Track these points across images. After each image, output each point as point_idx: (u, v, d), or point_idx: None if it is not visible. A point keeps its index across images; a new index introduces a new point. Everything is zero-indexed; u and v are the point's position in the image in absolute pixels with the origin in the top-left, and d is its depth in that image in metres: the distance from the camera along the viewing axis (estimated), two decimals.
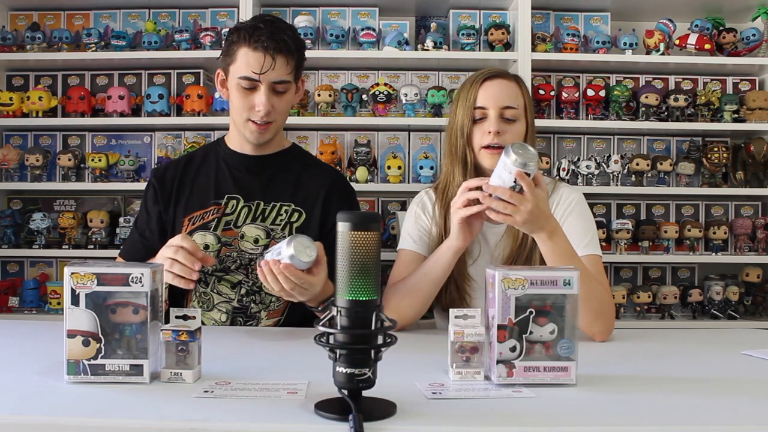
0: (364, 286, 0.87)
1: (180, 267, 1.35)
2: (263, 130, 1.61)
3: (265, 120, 1.59)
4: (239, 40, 1.55)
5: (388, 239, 2.56)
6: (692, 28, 2.66)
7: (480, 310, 1.09)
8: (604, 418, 0.91)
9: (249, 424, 0.86)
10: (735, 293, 2.62)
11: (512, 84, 1.61)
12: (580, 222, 1.57)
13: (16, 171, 2.65)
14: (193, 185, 1.69)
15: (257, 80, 1.55)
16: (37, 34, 2.63)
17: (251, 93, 1.57)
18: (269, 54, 1.53)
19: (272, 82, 1.56)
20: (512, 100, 1.58)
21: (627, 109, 2.68)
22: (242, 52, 1.55)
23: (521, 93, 1.61)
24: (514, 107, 1.58)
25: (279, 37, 1.54)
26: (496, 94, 1.58)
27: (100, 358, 1.00)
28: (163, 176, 1.71)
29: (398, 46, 2.59)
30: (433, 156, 2.66)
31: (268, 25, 1.55)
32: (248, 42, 1.54)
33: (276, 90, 1.58)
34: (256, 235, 1.62)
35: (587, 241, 1.53)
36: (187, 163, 1.74)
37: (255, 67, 1.53)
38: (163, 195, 1.69)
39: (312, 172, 1.73)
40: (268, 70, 1.53)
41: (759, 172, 2.70)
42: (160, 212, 1.69)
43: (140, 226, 1.72)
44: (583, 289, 1.40)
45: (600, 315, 1.41)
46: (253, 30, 1.54)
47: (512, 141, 1.53)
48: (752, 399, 1.01)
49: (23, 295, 2.60)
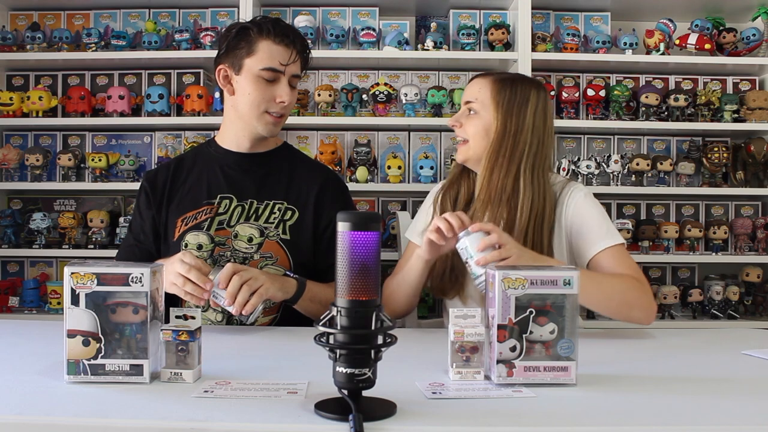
0: (364, 286, 0.88)
1: (192, 287, 1.39)
2: (278, 122, 1.65)
3: (282, 112, 1.64)
4: (259, 34, 1.59)
5: (388, 239, 2.56)
6: (692, 28, 2.66)
7: (480, 310, 1.09)
8: (604, 418, 0.91)
9: (249, 424, 0.86)
10: (735, 293, 2.62)
11: (483, 80, 1.64)
12: (596, 216, 1.59)
13: (16, 171, 2.65)
14: (185, 186, 1.70)
15: (282, 72, 1.60)
16: (37, 34, 2.63)
17: (272, 85, 1.61)
18: (295, 48, 1.60)
19: (292, 75, 1.62)
20: (471, 94, 1.63)
21: (627, 109, 2.68)
22: (264, 44, 1.59)
23: (491, 90, 1.61)
24: (471, 100, 1.63)
25: (295, 32, 1.64)
26: (467, 90, 1.66)
27: (100, 358, 1.00)
28: (155, 179, 1.72)
29: (398, 46, 2.59)
30: (433, 156, 2.66)
31: (281, 22, 1.63)
32: (271, 35, 1.59)
33: (291, 84, 1.63)
34: (249, 234, 1.63)
35: (606, 232, 1.56)
36: (177, 165, 1.75)
37: (282, 59, 1.59)
38: (155, 198, 1.70)
39: (304, 170, 1.75)
40: (292, 62, 1.60)
41: (759, 172, 2.70)
42: (153, 216, 1.70)
43: (135, 230, 1.73)
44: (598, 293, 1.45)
45: (632, 303, 1.47)
46: (274, 24, 1.60)
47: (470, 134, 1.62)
48: (752, 399, 1.01)
49: (23, 295, 2.60)
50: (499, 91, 1.60)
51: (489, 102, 1.60)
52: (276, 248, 1.63)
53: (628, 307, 1.47)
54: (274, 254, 1.62)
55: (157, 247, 1.70)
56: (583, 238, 1.57)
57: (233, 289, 1.38)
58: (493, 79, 1.63)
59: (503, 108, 1.59)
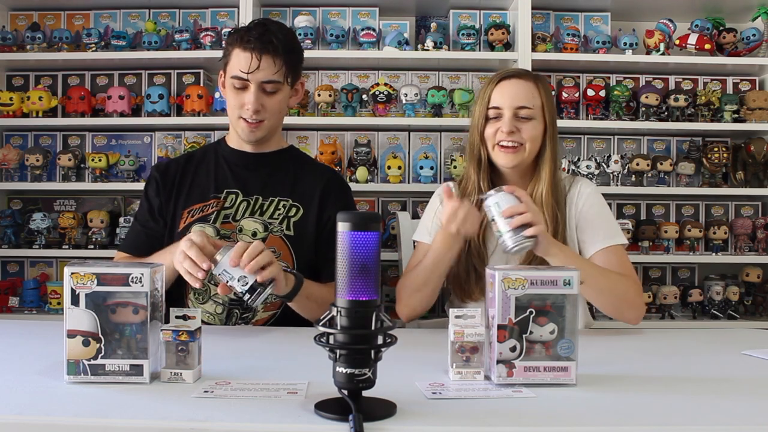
0: (364, 286, 0.88)
1: (190, 263, 1.34)
2: (254, 128, 1.66)
3: (255, 118, 1.64)
4: (233, 42, 1.64)
5: (388, 239, 2.56)
6: (692, 28, 2.66)
7: (480, 310, 1.09)
8: (604, 418, 0.91)
9: (249, 424, 0.86)
10: (735, 293, 2.62)
11: (529, 83, 1.62)
12: (603, 214, 1.63)
13: (16, 171, 2.65)
14: (194, 180, 1.74)
15: (246, 79, 1.61)
16: (37, 34, 2.63)
17: (242, 92, 1.63)
18: (255, 54, 1.59)
19: (261, 81, 1.61)
20: (527, 99, 1.60)
21: (627, 109, 2.67)
22: (234, 52, 1.62)
23: (538, 93, 1.62)
24: (529, 107, 1.60)
25: (267, 38, 1.60)
26: (511, 94, 1.61)
27: (100, 358, 1.00)
28: (166, 170, 1.76)
29: (398, 46, 2.59)
30: (433, 156, 2.66)
31: (260, 28, 1.62)
32: (239, 43, 1.61)
33: (265, 90, 1.63)
34: (254, 229, 1.65)
35: (612, 231, 1.60)
36: (187, 159, 1.80)
37: (243, 67, 1.60)
38: (165, 188, 1.73)
39: (309, 169, 1.78)
40: (255, 70, 1.59)
41: (759, 172, 2.69)
42: (161, 203, 1.72)
43: (141, 218, 1.75)
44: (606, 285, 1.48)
45: (629, 302, 1.52)
46: (245, 32, 1.62)
47: (528, 139, 1.60)
48: (752, 399, 1.01)
49: (23, 295, 2.60)
50: (546, 95, 1.63)
51: (540, 105, 1.62)
52: (279, 244, 1.65)
53: (626, 305, 1.53)
54: (277, 249, 1.64)
55: (165, 232, 1.71)
56: (587, 233, 1.62)
57: (253, 251, 1.31)
58: (537, 82, 1.64)
59: (550, 109, 1.63)
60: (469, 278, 1.62)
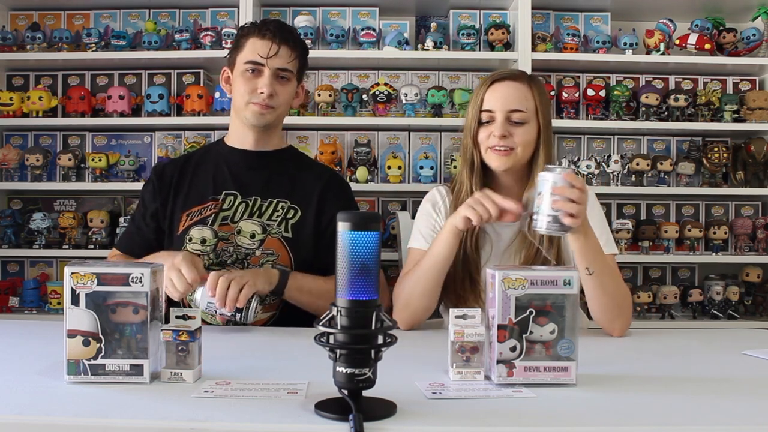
0: (364, 286, 0.88)
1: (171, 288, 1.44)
2: (264, 111, 1.68)
3: (267, 103, 1.66)
4: (248, 33, 1.69)
5: (388, 239, 2.56)
6: (692, 28, 2.66)
7: (480, 310, 1.09)
8: (604, 418, 0.91)
9: (249, 424, 0.86)
10: (735, 293, 2.62)
11: (522, 86, 1.58)
12: (598, 221, 1.58)
13: (16, 171, 2.65)
14: (192, 182, 1.74)
15: (262, 64, 1.65)
16: (37, 34, 2.63)
17: (256, 78, 1.67)
18: (275, 41, 1.65)
19: (276, 68, 1.66)
20: (520, 102, 1.56)
21: (627, 109, 2.67)
22: (251, 41, 1.67)
23: (531, 95, 1.58)
24: (522, 110, 1.56)
25: (286, 29, 1.70)
26: (504, 97, 1.57)
27: (101, 358, 1.00)
28: (162, 173, 1.77)
29: (398, 46, 2.59)
30: (433, 156, 2.66)
31: (276, 22, 1.72)
32: (257, 32, 1.67)
33: (279, 76, 1.67)
34: (252, 231, 1.66)
35: (605, 239, 1.54)
36: (186, 161, 1.80)
37: (262, 52, 1.65)
38: (162, 191, 1.73)
39: (308, 170, 1.78)
40: (274, 55, 1.65)
41: (759, 172, 2.70)
42: (156, 208, 1.73)
43: (137, 219, 1.78)
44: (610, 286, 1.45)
45: (622, 311, 1.48)
46: (262, 23, 1.70)
47: (520, 143, 1.56)
48: (752, 399, 1.01)
49: (23, 295, 2.60)
50: (540, 97, 1.59)
51: (534, 108, 1.58)
52: (277, 245, 1.65)
53: (619, 312, 1.47)
54: (275, 251, 1.65)
55: (156, 236, 1.73)
56: None
57: (222, 289, 1.40)
58: (530, 83, 1.60)
59: (544, 112, 1.59)
60: (464, 285, 1.58)
